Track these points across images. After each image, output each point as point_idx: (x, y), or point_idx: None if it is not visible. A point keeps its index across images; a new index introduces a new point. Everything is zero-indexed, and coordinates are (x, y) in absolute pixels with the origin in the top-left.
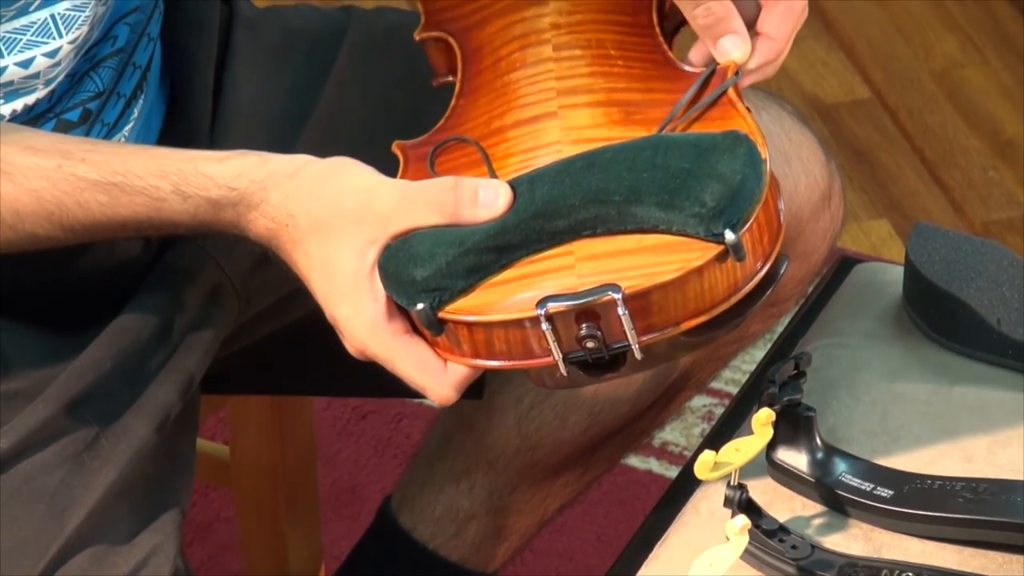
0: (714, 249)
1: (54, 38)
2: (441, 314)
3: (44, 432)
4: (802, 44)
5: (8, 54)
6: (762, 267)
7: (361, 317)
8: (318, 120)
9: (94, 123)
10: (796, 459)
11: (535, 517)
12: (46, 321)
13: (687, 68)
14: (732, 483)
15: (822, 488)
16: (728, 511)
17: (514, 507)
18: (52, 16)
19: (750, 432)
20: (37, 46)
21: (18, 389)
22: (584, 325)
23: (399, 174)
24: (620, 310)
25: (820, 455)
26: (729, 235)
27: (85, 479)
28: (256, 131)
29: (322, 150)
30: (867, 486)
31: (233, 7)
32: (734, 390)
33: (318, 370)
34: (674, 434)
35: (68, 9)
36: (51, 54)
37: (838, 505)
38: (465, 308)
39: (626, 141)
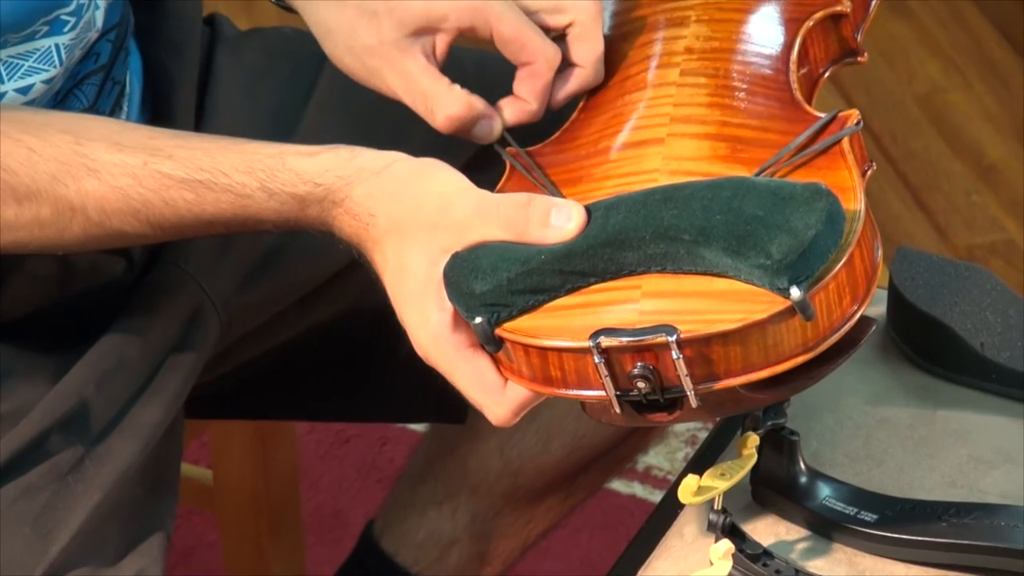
0: (780, 304)
1: (55, 67)
2: (499, 332)
3: (29, 454)
4: None
5: (9, 80)
6: (839, 328)
7: (426, 325)
8: (300, 142)
9: None
10: (780, 483)
11: (518, 541)
12: (30, 343)
13: (812, 111)
14: (716, 507)
15: (806, 512)
16: (712, 535)
17: (497, 532)
18: (56, 45)
19: (734, 456)
20: (38, 73)
21: (2, 411)
22: (638, 365)
23: (501, 181)
24: (674, 354)
25: (804, 479)
26: (795, 292)
27: (70, 501)
28: None
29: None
30: (851, 510)
31: (216, 28)
32: None
33: (301, 395)
34: (658, 458)
35: (72, 40)
36: (49, 81)
37: (822, 529)
38: (522, 329)
39: (710, 179)
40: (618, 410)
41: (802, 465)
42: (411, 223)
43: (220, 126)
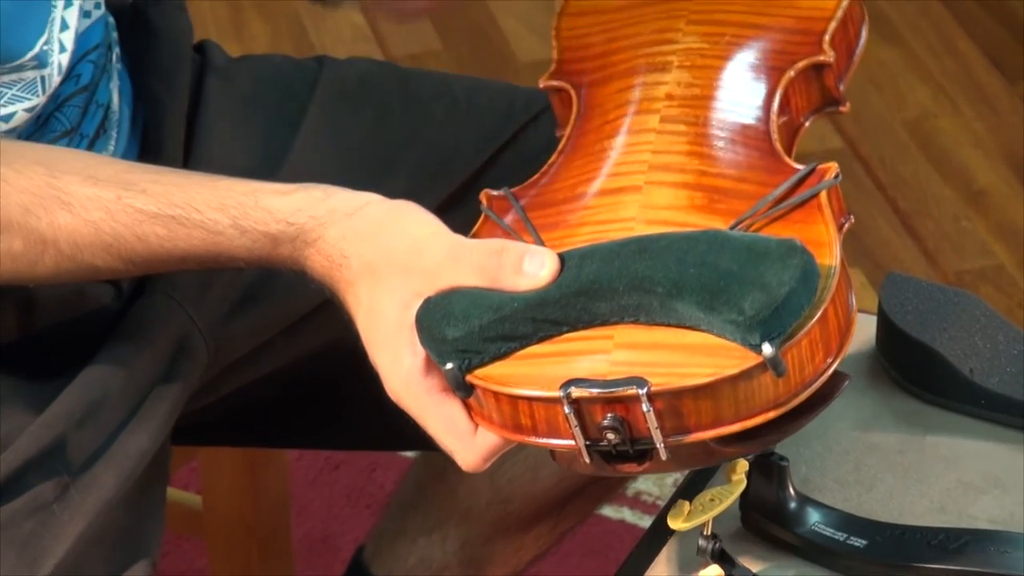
0: (752, 359)
1: (38, 95)
2: (470, 378)
3: (14, 483)
4: None
5: None
6: (811, 383)
7: (398, 369)
8: (290, 169)
9: None
10: (769, 509)
11: (508, 569)
12: (16, 371)
13: (791, 163)
14: (705, 533)
15: (795, 538)
16: (701, 561)
17: (487, 559)
18: (42, 77)
19: (724, 482)
20: (21, 101)
21: None
22: (608, 416)
23: (476, 225)
24: (644, 406)
25: (793, 505)
26: (767, 348)
27: (55, 529)
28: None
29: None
30: (840, 536)
31: (206, 55)
32: None
33: (290, 423)
34: (647, 484)
35: (50, 71)
36: (31, 109)
37: (811, 555)
38: (493, 376)
39: (686, 231)
40: (587, 460)
41: (791, 491)
42: (384, 266)
43: (209, 153)
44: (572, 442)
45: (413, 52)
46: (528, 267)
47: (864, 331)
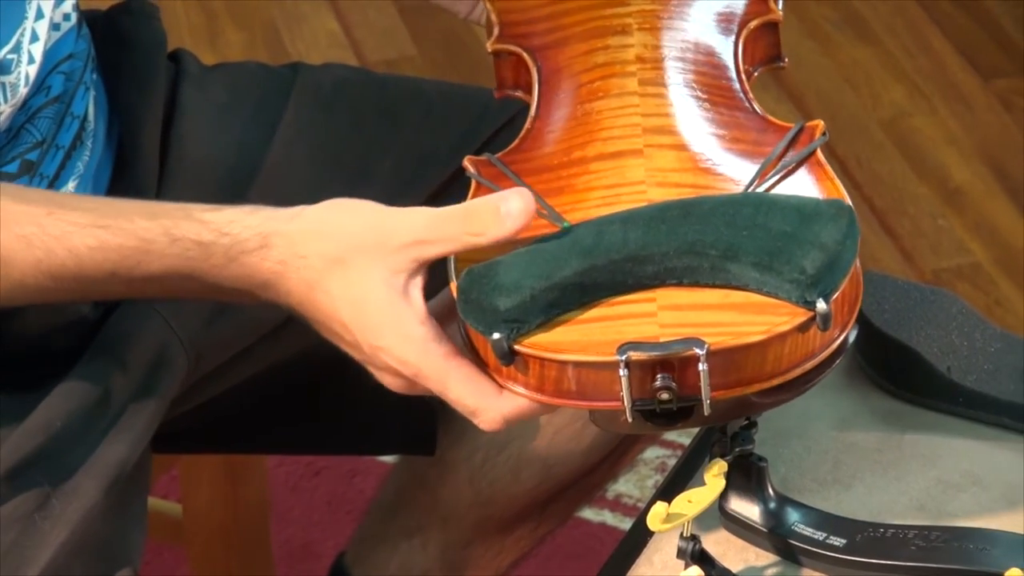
0: (802, 316)
1: (0, 104)
2: (517, 347)
3: None
4: None
5: None
6: (839, 336)
7: (410, 341)
8: (266, 176)
9: (34, 175)
10: (749, 509)
11: (489, 572)
12: None
13: (775, 121)
14: (685, 534)
15: (775, 538)
16: (682, 562)
17: (468, 562)
18: (2, 84)
19: (703, 483)
20: None
21: None
22: (660, 376)
23: (471, 192)
24: (701, 366)
25: (772, 505)
26: (821, 305)
27: (37, 539)
28: (203, 187)
29: (269, 205)
30: (820, 535)
31: (180, 64)
32: (687, 441)
33: (270, 428)
34: (628, 486)
35: (15, 79)
36: None
37: (791, 555)
38: (543, 344)
39: (725, 195)
40: (630, 419)
41: (770, 491)
42: (351, 253)
43: (185, 162)
44: (618, 403)
45: (388, 58)
46: (506, 208)
47: None
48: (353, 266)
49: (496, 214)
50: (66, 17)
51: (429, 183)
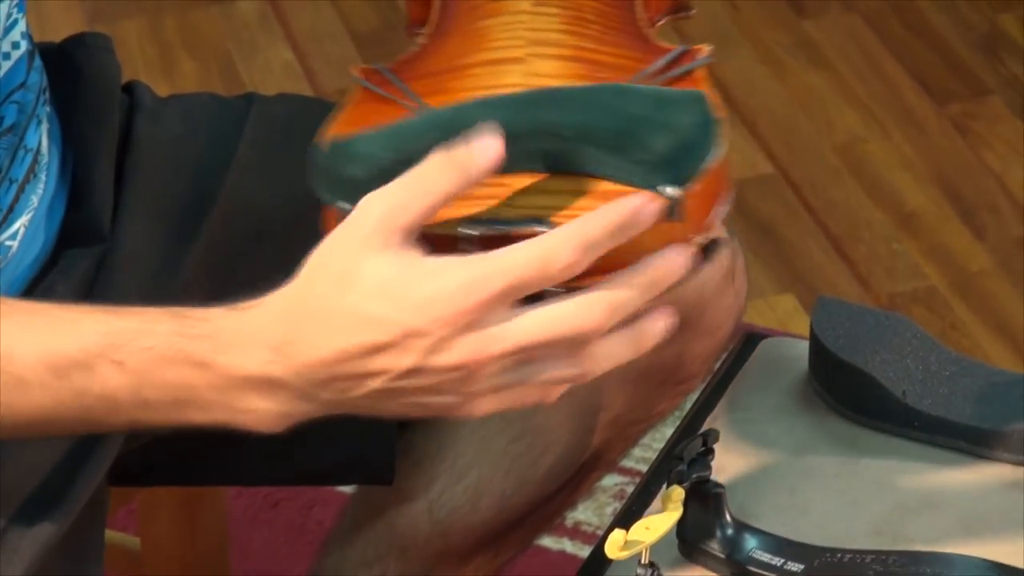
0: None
1: None
2: None
3: None
4: None
5: None
6: (694, 237)
7: (448, 269)
8: (221, 208)
9: None
10: (706, 536)
11: None
12: None
13: (665, 45)
14: (643, 561)
15: (733, 564)
16: None
17: None
18: None
19: (660, 510)
20: None
21: None
22: None
23: (351, 103)
24: None
25: (730, 531)
26: (671, 190)
27: None
28: (158, 220)
29: (225, 237)
30: (778, 561)
31: (134, 96)
32: (645, 468)
33: (227, 461)
34: (587, 514)
35: None
36: None
37: None
38: None
39: (587, 84)
40: None
41: (728, 517)
42: (344, 261)
43: (140, 193)
44: None
45: (342, 87)
46: (477, 142)
47: (797, 355)
48: (356, 268)
49: (470, 151)
50: (15, 45)
51: None
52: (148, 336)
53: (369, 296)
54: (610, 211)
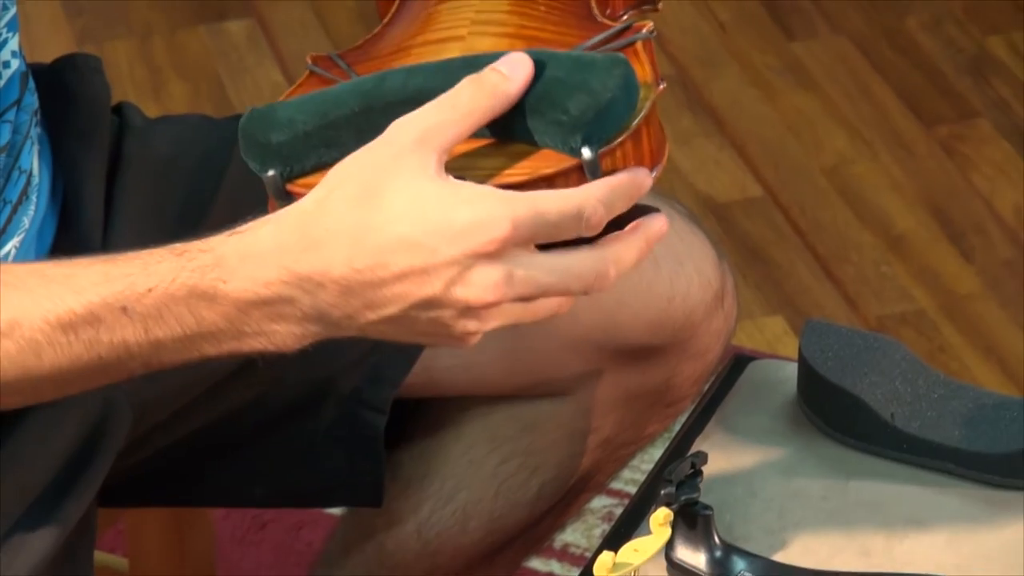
0: (568, 162)
1: None
2: (291, 187)
3: None
4: (693, 143)
5: None
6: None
7: (483, 198)
8: (210, 230)
9: None
10: (695, 558)
11: None
12: None
13: (610, 23)
14: None
15: None
16: None
17: None
18: None
19: (649, 532)
20: None
21: None
22: None
23: (296, 85)
24: None
25: (719, 553)
26: (586, 151)
27: None
28: (148, 240)
29: None
30: None
31: (124, 118)
32: (634, 490)
33: (215, 482)
34: (575, 535)
35: None
36: None
37: None
38: (314, 184)
39: (510, 52)
40: None
41: (716, 539)
42: (376, 175)
43: (129, 216)
44: None
45: None
46: (504, 67)
47: (786, 378)
48: (386, 187)
49: (489, 75)
50: (6, 64)
51: None
52: (150, 278)
53: (402, 218)
54: (627, 176)
